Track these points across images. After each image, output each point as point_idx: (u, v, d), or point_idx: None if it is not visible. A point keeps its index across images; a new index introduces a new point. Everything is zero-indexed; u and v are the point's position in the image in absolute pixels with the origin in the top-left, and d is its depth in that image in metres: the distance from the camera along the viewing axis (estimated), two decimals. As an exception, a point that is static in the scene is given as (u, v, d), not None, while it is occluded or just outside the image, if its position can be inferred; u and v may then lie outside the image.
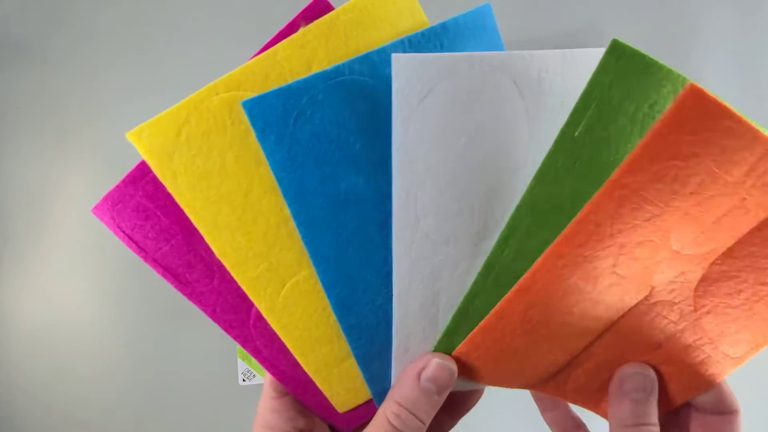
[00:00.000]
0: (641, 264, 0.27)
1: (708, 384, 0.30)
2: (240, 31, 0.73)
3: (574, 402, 0.33)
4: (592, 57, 0.28)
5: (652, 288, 0.28)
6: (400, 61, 0.28)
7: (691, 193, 0.25)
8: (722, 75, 0.72)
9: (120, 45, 0.75)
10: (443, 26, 0.31)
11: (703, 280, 0.28)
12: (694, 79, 0.25)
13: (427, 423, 0.30)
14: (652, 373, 0.30)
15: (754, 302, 0.28)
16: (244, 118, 0.30)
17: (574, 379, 0.32)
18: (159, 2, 0.75)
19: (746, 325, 0.29)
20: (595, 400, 0.32)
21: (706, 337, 0.29)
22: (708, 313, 0.29)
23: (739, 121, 0.24)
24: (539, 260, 0.27)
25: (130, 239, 0.32)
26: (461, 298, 0.30)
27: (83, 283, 0.74)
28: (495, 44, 0.33)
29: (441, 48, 0.31)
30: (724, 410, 0.31)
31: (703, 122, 0.24)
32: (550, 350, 0.30)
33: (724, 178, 0.25)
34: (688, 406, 0.32)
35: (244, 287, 0.32)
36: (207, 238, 0.31)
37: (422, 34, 0.30)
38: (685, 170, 0.25)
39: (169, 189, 0.31)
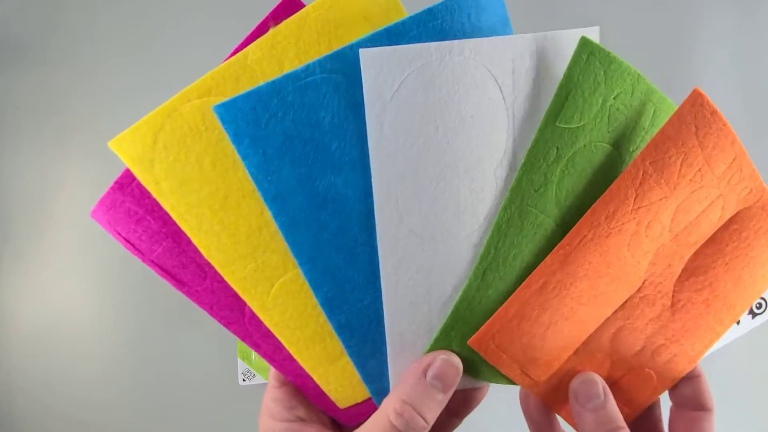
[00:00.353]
0: (644, 248, 0.29)
1: (670, 383, 0.32)
2: (240, 31, 0.73)
3: (559, 413, 0.33)
4: (562, 39, 0.29)
5: (644, 280, 0.30)
6: (367, 56, 0.28)
7: (691, 181, 0.29)
8: (722, 75, 0.71)
9: (120, 45, 0.75)
10: (430, 12, 0.29)
11: (682, 273, 0.31)
12: (694, 78, 0.27)
13: (432, 422, 0.29)
14: (597, 377, 0.31)
15: (713, 298, 0.31)
16: (218, 123, 0.29)
17: (564, 385, 0.31)
18: (159, 2, 0.75)
19: (705, 321, 0.31)
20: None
21: (674, 335, 0.31)
22: (680, 309, 0.31)
23: (725, 124, 0.28)
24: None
25: (128, 242, 0.32)
26: (455, 294, 0.30)
27: (83, 283, 0.74)
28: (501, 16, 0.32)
29: (428, 32, 0.29)
30: (702, 407, 0.32)
31: (704, 119, 0.28)
32: (560, 331, 0.30)
33: (712, 171, 0.29)
34: (667, 402, 0.33)
35: (234, 287, 0.32)
36: (194, 241, 0.31)
37: (403, 23, 0.29)
38: (690, 157, 0.28)
39: (154, 194, 0.30)
